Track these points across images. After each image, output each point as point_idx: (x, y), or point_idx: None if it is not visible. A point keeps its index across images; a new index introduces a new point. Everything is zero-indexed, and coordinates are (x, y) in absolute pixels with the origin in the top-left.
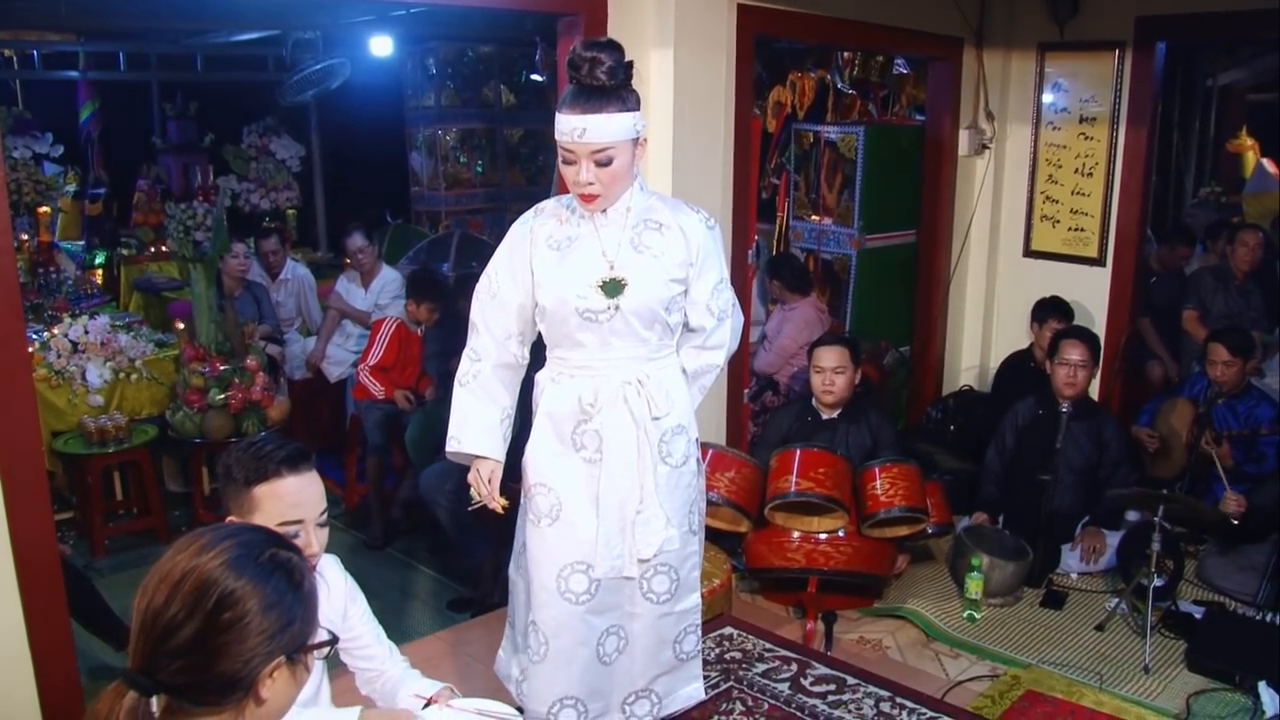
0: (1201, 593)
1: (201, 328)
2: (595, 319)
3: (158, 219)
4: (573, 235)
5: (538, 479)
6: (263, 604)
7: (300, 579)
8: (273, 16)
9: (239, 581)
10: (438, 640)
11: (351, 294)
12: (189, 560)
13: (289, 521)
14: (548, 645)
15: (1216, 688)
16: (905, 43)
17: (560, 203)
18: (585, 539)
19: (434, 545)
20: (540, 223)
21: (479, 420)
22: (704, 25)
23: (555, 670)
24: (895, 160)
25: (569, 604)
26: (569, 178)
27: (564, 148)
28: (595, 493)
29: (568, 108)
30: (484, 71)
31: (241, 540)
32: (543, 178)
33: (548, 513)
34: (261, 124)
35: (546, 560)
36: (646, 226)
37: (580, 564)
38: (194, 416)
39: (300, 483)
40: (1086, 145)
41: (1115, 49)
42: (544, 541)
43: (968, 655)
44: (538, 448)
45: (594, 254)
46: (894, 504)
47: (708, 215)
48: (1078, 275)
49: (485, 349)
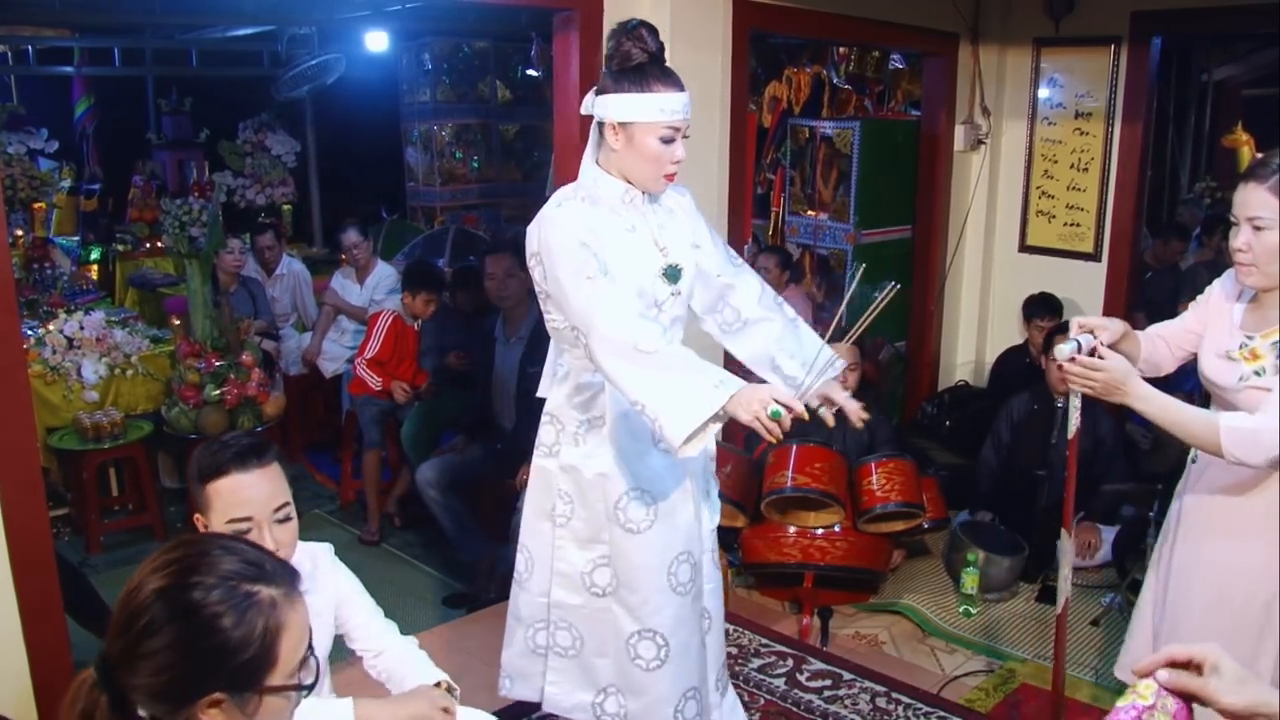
0: None
1: (197, 323)
2: (660, 308)
3: (153, 215)
4: (633, 224)
5: (630, 485)
6: (177, 643)
7: (230, 625)
8: (268, 12)
9: (164, 615)
10: (434, 636)
11: (347, 290)
12: (140, 574)
13: (237, 519)
14: (667, 646)
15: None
16: (901, 38)
17: (589, 192)
18: (683, 527)
19: (429, 541)
20: (601, 213)
21: (708, 363)
22: (699, 20)
23: (678, 669)
24: (891, 155)
25: (680, 597)
26: (664, 158)
27: (669, 126)
28: (681, 477)
29: (663, 85)
30: (479, 67)
31: (182, 566)
32: (538, 173)
33: (645, 516)
34: (257, 120)
35: (654, 563)
36: (664, 210)
37: (683, 554)
38: (189, 412)
39: (248, 479)
40: (1082, 140)
41: (1111, 44)
42: (647, 545)
43: (963, 650)
44: (620, 453)
45: (648, 242)
46: (890, 499)
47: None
48: (1073, 270)
49: (648, 330)
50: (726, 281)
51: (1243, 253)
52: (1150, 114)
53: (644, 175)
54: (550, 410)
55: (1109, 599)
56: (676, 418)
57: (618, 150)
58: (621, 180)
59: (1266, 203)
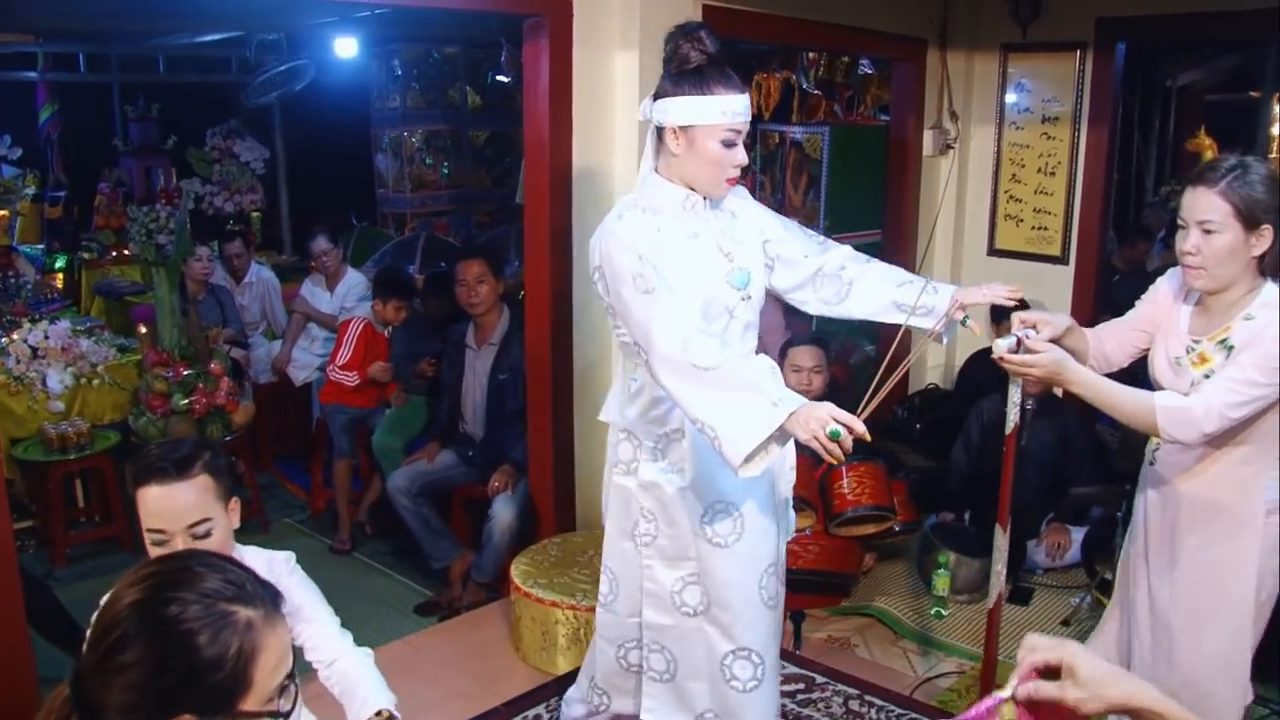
0: None
1: (165, 332)
2: (732, 314)
3: (119, 222)
4: (695, 230)
5: (716, 497)
6: (147, 661)
7: (202, 642)
8: (236, 18)
9: (136, 632)
10: (406, 646)
11: (317, 297)
12: (119, 587)
13: (152, 529)
14: (764, 665)
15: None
16: (869, 44)
17: (649, 201)
18: (770, 538)
19: (401, 549)
20: (663, 222)
21: (768, 377)
22: (669, 26)
23: (771, 687)
24: (860, 160)
25: (771, 610)
26: (725, 161)
27: (731, 129)
28: (766, 488)
29: (724, 87)
30: (450, 73)
31: (159, 582)
32: (509, 179)
33: (732, 530)
34: (225, 126)
35: (745, 577)
36: (726, 214)
37: (771, 565)
38: (157, 422)
39: (164, 492)
40: (1049, 145)
41: (1077, 50)
42: (736, 559)
43: (936, 652)
44: (702, 466)
45: (712, 248)
46: (861, 502)
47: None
48: (1041, 273)
49: (705, 345)
50: (817, 263)
51: (1192, 255)
52: (1115, 119)
53: (706, 180)
54: (626, 426)
55: (1078, 599)
56: (735, 438)
57: (679, 155)
58: (682, 187)
59: (1216, 206)
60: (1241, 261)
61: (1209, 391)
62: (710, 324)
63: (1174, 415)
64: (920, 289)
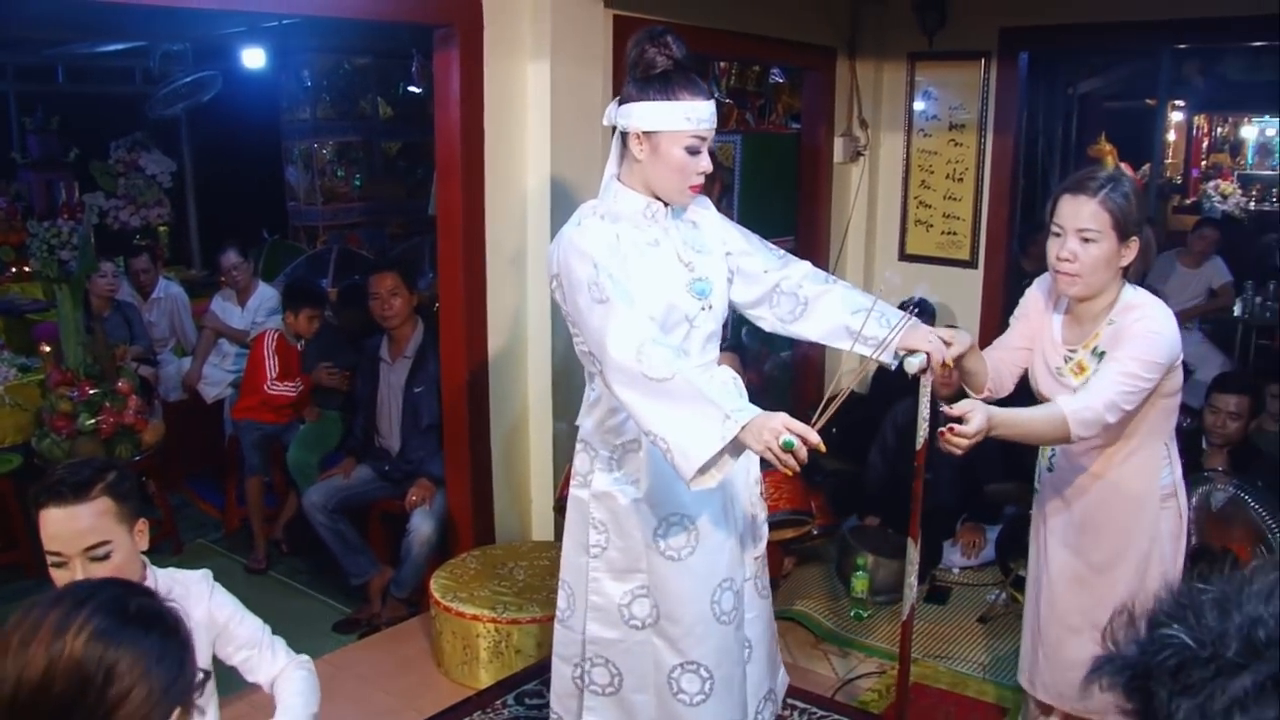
0: None
1: (69, 350)
2: (692, 324)
3: (19, 238)
4: (656, 238)
5: (671, 510)
6: (149, 665)
7: (175, 622)
8: (139, 27)
9: (117, 651)
10: (326, 664)
11: (227, 312)
12: (45, 651)
13: (50, 552)
14: (712, 679)
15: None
16: (780, 53)
17: (609, 208)
18: (726, 551)
19: (317, 567)
20: (622, 229)
21: (723, 388)
22: (580, 37)
23: (721, 704)
24: (772, 168)
25: (725, 626)
26: (689, 168)
27: (696, 135)
28: (723, 501)
29: (689, 93)
30: (360, 84)
31: (99, 603)
32: (422, 191)
33: (686, 544)
34: (130, 138)
35: (697, 592)
36: (687, 223)
37: (726, 580)
38: (62, 443)
39: (60, 515)
40: (956, 151)
41: (981, 59)
42: (689, 573)
43: (856, 653)
44: (658, 477)
45: (672, 257)
46: (778, 507)
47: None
48: (951, 277)
49: (659, 356)
50: (776, 278)
51: (1069, 262)
52: (1020, 125)
53: (669, 187)
54: (583, 437)
55: (993, 596)
56: (687, 450)
57: (642, 161)
58: (644, 194)
59: (1097, 216)
60: (1112, 270)
61: (1101, 387)
62: (669, 334)
63: (1082, 417)
64: (868, 319)
